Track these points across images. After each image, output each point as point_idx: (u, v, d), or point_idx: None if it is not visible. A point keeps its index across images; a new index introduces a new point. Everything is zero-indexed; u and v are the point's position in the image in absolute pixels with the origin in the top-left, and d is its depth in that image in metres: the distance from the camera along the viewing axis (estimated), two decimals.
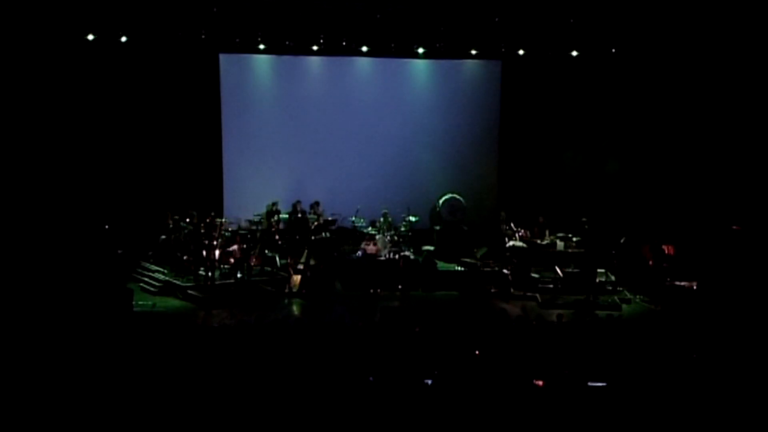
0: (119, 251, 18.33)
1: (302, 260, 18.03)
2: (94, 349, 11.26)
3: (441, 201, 20.11)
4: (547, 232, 18.85)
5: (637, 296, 17.48)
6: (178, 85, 19.35)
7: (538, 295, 17.35)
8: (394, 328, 12.36)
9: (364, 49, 19.53)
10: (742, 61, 17.83)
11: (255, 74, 20.26)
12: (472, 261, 18.56)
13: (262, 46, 19.25)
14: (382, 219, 19.17)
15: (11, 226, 17.02)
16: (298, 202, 19.31)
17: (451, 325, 12.79)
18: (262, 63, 20.25)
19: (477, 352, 11.08)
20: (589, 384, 10.04)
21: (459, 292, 17.85)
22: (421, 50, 19.65)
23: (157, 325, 14.28)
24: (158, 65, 19.20)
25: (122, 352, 11.11)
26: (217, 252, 17.36)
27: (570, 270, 17.75)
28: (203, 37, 18.62)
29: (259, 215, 19.06)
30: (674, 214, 18.73)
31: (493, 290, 17.73)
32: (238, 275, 17.37)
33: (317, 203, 19.47)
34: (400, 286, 17.71)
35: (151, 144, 19.42)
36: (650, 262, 18.00)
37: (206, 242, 17.36)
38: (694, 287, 16.82)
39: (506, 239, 18.79)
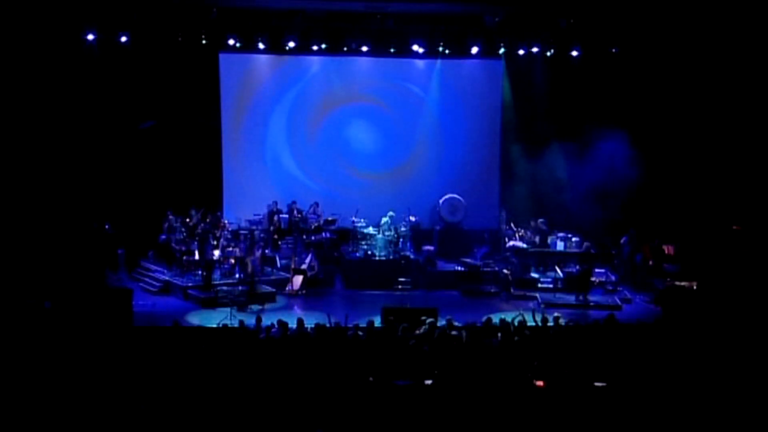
0: (119, 251, 18.32)
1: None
2: (92, 350, 11.24)
3: (441, 201, 20.07)
4: (544, 233, 18.82)
5: (638, 296, 17.47)
6: (178, 85, 19.28)
7: (538, 295, 17.33)
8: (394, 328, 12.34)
9: (364, 48, 19.50)
10: (742, 62, 17.76)
11: (255, 74, 20.23)
12: (472, 261, 18.55)
13: (261, 46, 19.24)
14: (387, 218, 19.12)
15: (9, 227, 16.98)
16: (294, 202, 19.36)
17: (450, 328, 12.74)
18: (262, 63, 20.21)
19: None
20: (593, 384, 10.03)
21: (459, 290, 17.87)
22: (420, 50, 19.61)
23: (156, 325, 14.26)
24: (158, 65, 19.11)
25: (121, 354, 11.09)
26: (217, 252, 17.35)
27: (570, 270, 17.73)
28: (203, 37, 18.65)
29: (258, 215, 19.07)
30: (675, 213, 18.67)
31: (493, 290, 17.73)
32: (237, 276, 17.35)
33: (317, 204, 19.46)
34: (400, 286, 17.71)
35: (151, 144, 19.40)
36: (650, 262, 17.99)
37: (207, 242, 17.38)
38: (695, 287, 16.78)
39: (506, 239, 18.84)
